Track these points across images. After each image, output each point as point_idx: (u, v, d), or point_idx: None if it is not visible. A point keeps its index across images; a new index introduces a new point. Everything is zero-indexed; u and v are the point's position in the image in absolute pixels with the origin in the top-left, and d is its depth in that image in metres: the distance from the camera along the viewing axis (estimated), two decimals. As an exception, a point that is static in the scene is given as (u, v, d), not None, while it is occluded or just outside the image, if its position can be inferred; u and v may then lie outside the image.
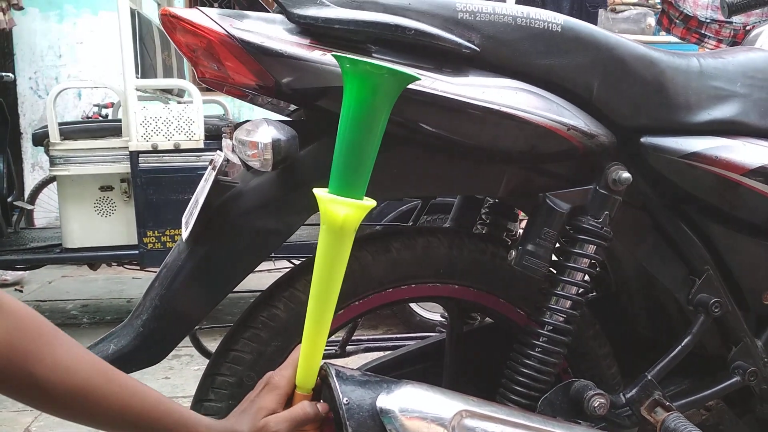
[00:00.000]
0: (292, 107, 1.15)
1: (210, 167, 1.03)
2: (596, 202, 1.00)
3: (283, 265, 2.97)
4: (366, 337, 1.31)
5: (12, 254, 3.31)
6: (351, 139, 0.71)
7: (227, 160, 1.03)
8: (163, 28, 0.93)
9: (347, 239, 0.75)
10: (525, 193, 1.03)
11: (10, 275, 4.32)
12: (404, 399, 0.84)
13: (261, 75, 0.89)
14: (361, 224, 0.81)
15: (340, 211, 0.70)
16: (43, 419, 2.40)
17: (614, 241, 1.03)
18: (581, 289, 1.02)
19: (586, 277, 1.02)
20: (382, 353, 1.32)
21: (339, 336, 1.36)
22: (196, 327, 1.26)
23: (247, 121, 0.94)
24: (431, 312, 3.27)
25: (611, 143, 1.00)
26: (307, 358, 0.85)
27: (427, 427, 0.82)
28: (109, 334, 1.04)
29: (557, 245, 1.01)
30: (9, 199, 3.86)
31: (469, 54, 0.91)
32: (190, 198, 1.03)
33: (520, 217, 1.30)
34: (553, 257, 1.01)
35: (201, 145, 3.22)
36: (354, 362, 1.27)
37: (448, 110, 0.91)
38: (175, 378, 2.73)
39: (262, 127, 0.86)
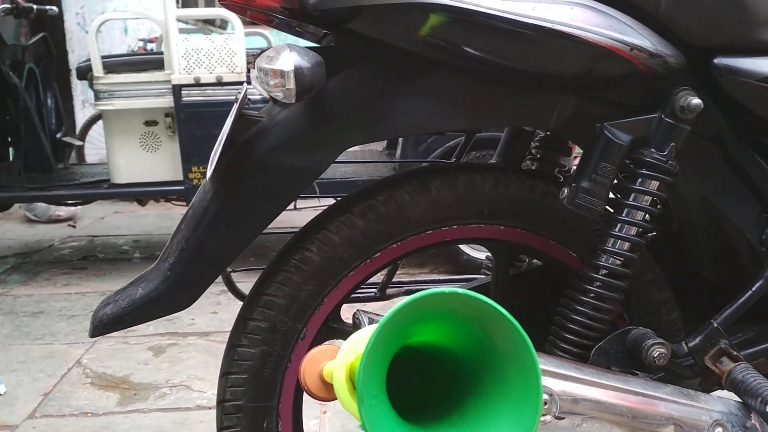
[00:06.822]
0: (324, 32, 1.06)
1: (234, 102, 0.95)
2: (661, 133, 0.89)
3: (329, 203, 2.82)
4: (407, 280, 1.24)
5: (62, 189, 3.35)
6: None
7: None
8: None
9: None
10: (580, 124, 0.92)
11: (63, 211, 4.41)
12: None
13: (284, -6, 0.80)
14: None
15: None
16: (95, 352, 2.45)
17: (679, 175, 0.92)
18: (641, 230, 0.93)
19: (647, 216, 0.92)
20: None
21: (378, 278, 1.30)
22: (229, 270, 1.21)
23: (269, 48, 0.86)
24: (478, 251, 3.18)
25: (679, 65, 0.88)
26: None
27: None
28: (137, 278, 1.00)
29: (615, 181, 0.91)
30: (58, 135, 3.89)
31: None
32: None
33: (574, 152, 1.19)
34: (610, 194, 0.91)
35: (244, 78, 3.15)
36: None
37: (494, 30, 0.81)
38: (223, 313, 2.75)
39: (284, 54, 0.78)
